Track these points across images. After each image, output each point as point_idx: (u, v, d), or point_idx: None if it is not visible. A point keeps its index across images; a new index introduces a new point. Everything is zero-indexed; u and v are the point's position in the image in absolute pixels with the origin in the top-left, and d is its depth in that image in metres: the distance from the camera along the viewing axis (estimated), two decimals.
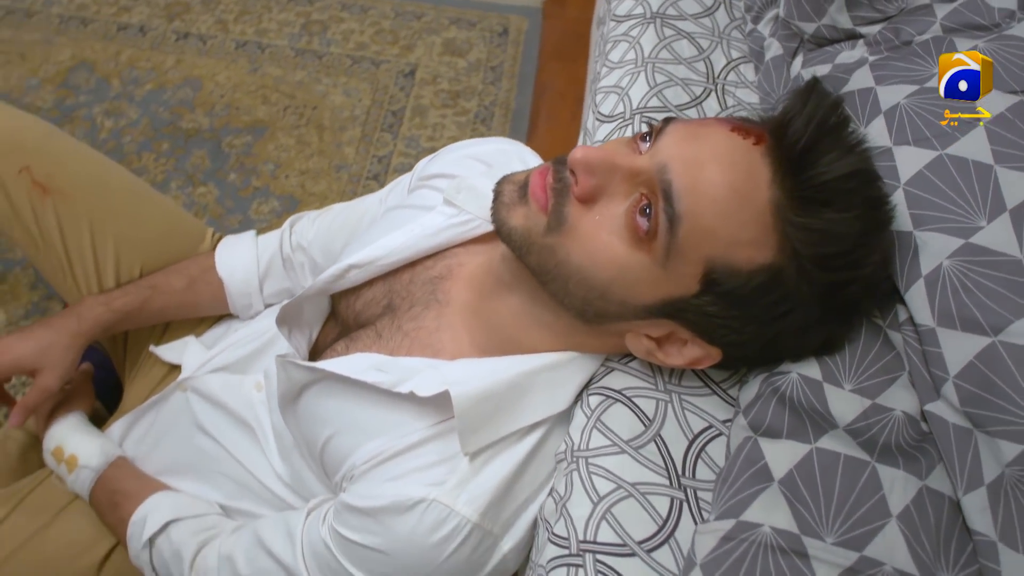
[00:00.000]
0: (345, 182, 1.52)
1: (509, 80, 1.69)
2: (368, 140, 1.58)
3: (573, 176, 0.65)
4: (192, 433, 0.96)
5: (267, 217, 1.47)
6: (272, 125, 1.59)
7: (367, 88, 1.65)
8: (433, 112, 1.63)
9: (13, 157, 1.01)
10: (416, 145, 1.58)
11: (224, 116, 1.59)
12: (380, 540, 0.69)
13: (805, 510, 0.59)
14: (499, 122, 1.62)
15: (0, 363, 0.96)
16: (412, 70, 1.69)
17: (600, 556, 0.63)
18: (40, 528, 0.97)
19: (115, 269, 1.05)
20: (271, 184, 1.51)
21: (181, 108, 1.60)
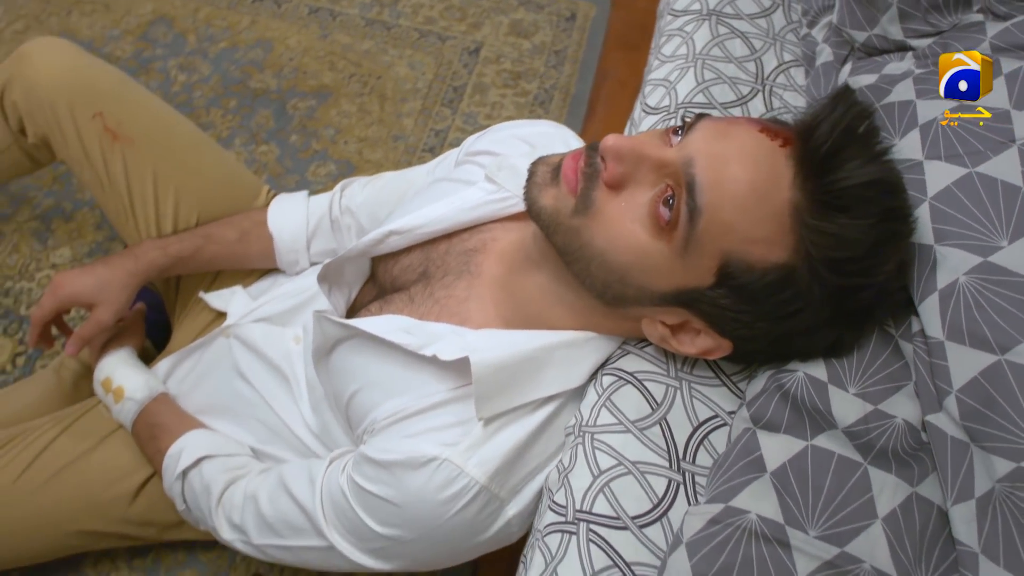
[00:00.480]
0: (401, 152, 1.56)
1: (571, 65, 1.71)
2: (427, 113, 1.62)
3: (603, 162, 0.68)
4: (231, 377, 1.02)
5: (323, 180, 1.52)
6: (336, 91, 1.63)
7: (431, 62, 1.69)
8: (493, 91, 1.66)
9: (89, 101, 1.07)
10: (474, 122, 1.61)
11: (291, 79, 1.65)
12: (392, 492, 0.73)
13: (792, 502, 0.62)
14: (557, 106, 1.64)
15: (61, 295, 1.03)
16: (477, 48, 1.72)
17: (593, 526, 0.66)
18: (85, 452, 1.03)
19: (173, 216, 1.11)
20: (330, 148, 1.56)
21: (251, 68, 1.66)
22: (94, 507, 1.03)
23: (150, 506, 1.04)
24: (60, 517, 1.03)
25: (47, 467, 1.02)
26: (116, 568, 1.15)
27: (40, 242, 1.42)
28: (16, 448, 1.03)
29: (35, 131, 1.11)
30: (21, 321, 1.34)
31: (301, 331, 0.99)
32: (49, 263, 1.40)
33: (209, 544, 1.15)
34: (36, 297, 1.36)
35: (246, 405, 1.00)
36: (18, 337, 1.33)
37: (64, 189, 1.48)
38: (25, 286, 1.38)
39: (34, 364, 1.31)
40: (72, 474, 1.02)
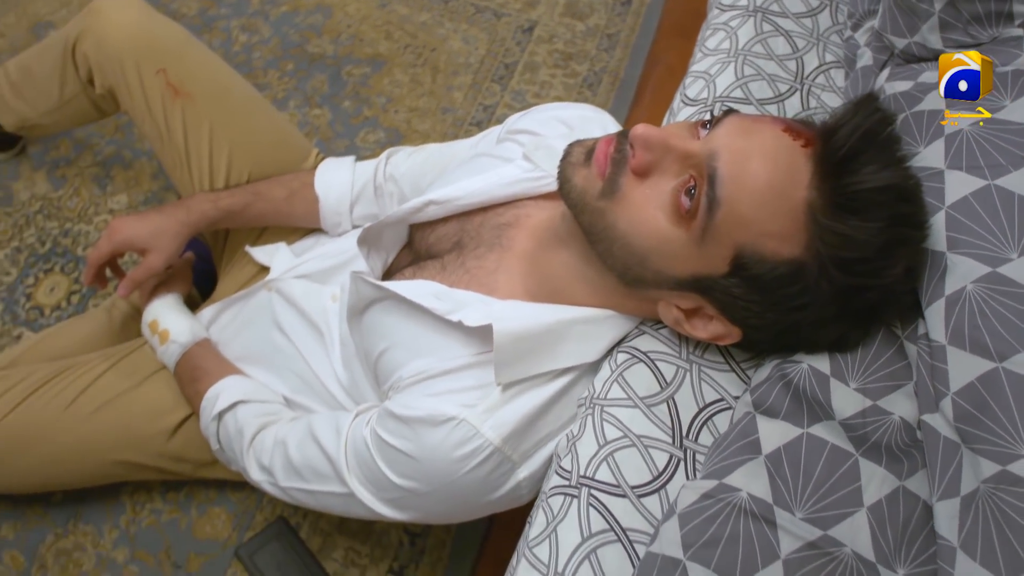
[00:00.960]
0: (449, 124, 1.60)
1: (623, 50, 1.73)
2: (477, 88, 1.66)
3: (632, 150, 0.71)
4: (269, 329, 1.07)
5: (371, 146, 1.57)
6: (391, 60, 1.68)
7: (485, 38, 1.72)
8: (544, 70, 1.69)
9: (154, 58, 1.13)
10: (522, 99, 1.65)
11: (348, 46, 1.69)
12: (411, 446, 0.78)
13: (783, 484, 0.65)
14: (605, 89, 1.67)
15: (117, 239, 1.09)
16: (531, 26, 1.75)
17: (594, 491, 0.70)
18: (130, 388, 1.10)
19: (226, 171, 1.17)
20: (380, 116, 1.60)
21: (310, 32, 1.71)
22: (135, 440, 1.10)
23: (186, 443, 1.10)
24: (103, 446, 1.09)
25: (94, 399, 1.09)
26: (151, 499, 1.22)
27: (100, 188, 1.49)
28: (67, 379, 1.10)
29: (102, 82, 1.17)
30: (77, 261, 1.42)
31: (339, 290, 1.03)
32: (107, 208, 1.47)
33: (239, 484, 1.21)
34: (93, 239, 1.43)
35: (282, 356, 1.05)
36: (74, 276, 1.41)
37: (125, 138, 1.55)
38: (83, 228, 1.45)
39: (87, 303, 1.38)
40: (117, 407, 1.09)
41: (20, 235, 1.44)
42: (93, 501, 1.21)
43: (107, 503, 1.22)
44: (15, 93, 1.33)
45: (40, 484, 1.16)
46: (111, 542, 1.19)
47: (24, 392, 1.09)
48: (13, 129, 1.39)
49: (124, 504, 1.22)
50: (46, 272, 1.41)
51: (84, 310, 1.37)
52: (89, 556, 1.18)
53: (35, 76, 1.28)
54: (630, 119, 1.65)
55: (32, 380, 1.10)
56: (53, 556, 1.18)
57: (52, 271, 1.41)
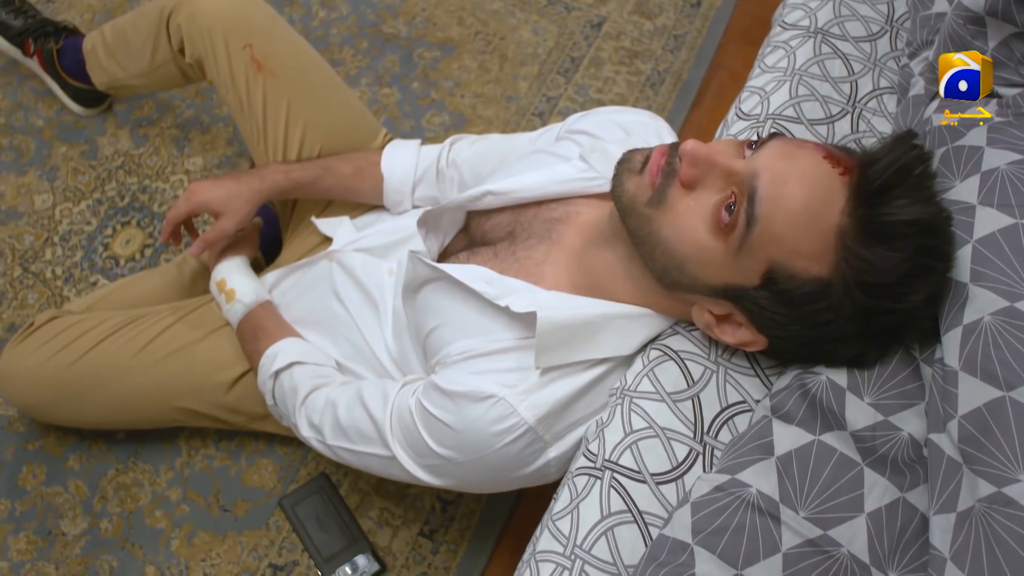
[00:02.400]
0: (512, 112, 1.66)
1: (688, 51, 1.76)
2: (543, 79, 1.71)
3: (681, 163, 0.77)
4: (328, 297, 1.14)
5: (436, 129, 1.63)
6: (461, 46, 1.74)
7: (554, 30, 1.77)
8: (608, 66, 1.73)
9: (242, 33, 1.21)
10: (585, 94, 1.69)
11: (421, 28, 1.75)
12: (452, 418, 0.84)
13: (790, 484, 0.70)
14: (667, 89, 1.70)
15: (195, 201, 1.17)
16: (600, 22, 1.79)
17: (617, 475, 0.76)
18: (195, 340, 1.18)
19: (299, 145, 1.24)
20: (447, 100, 1.66)
21: (386, 13, 1.77)
22: (196, 389, 1.18)
23: (242, 397, 1.18)
24: (167, 392, 1.18)
25: (162, 348, 1.17)
26: (205, 445, 1.31)
27: (178, 149, 1.58)
28: (138, 328, 1.18)
29: (192, 52, 1.25)
30: (153, 217, 1.51)
31: (395, 265, 1.10)
32: (183, 168, 1.56)
33: (287, 439, 1.30)
34: (169, 197, 1.52)
35: (337, 323, 1.12)
36: (149, 231, 1.50)
37: (204, 103, 1.64)
38: (160, 186, 1.54)
39: (159, 256, 1.47)
40: (181, 357, 1.17)
41: (102, 188, 1.54)
42: (152, 442, 1.31)
43: (165, 445, 1.31)
44: (109, 55, 1.42)
45: (106, 421, 1.25)
46: (166, 481, 1.28)
47: (99, 336, 1.18)
48: (104, 87, 1.48)
49: (180, 448, 1.31)
50: (123, 225, 1.50)
51: (156, 264, 1.46)
52: (146, 492, 1.28)
53: (129, 40, 1.37)
54: (688, 122, 1.69)
55: (107, 325, 1.19)
56: (113, 489, 1.28)
57: (129, 224, 1.50)
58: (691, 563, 0.68)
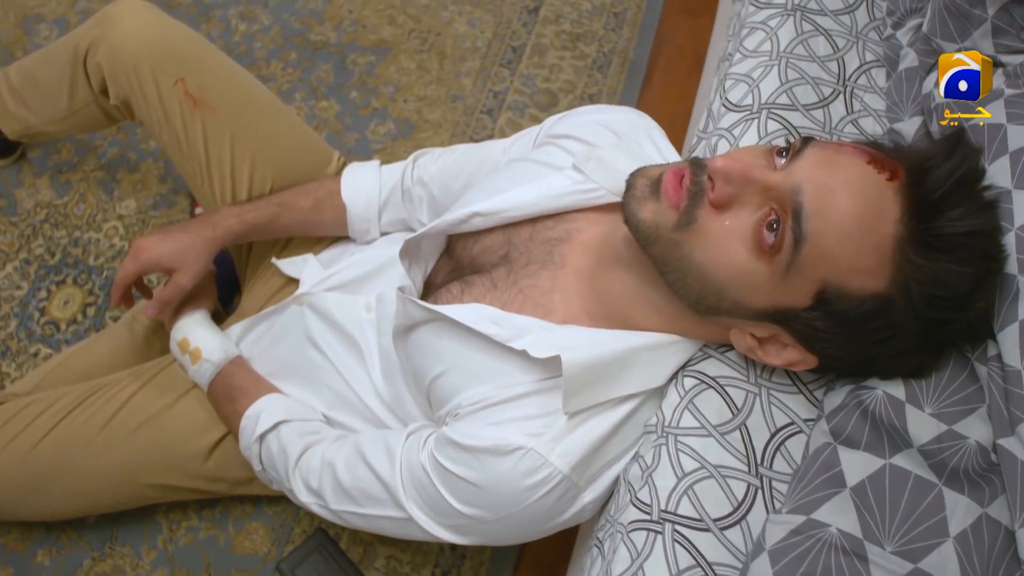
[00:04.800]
0: (460, 113, 1.57)
1: (630, 29, 1.70)
2: (486, 74, 1.62)
3: (710, 182, 0.70)
4: (303, 344, 1.05)
5: (383, 139, 1.53)
6: (396, 47, 1.64)
7: (490, 20, 1.69)
8: (552, 53, 1.66)
9: (172, 67, 1.09)
10: (532, 84, 1.62)
11: (351, 32, 1.65)
12: (476, 475, 0.77)
13: (871, 518, 0.66)
14: (615, 71, 1.64)
15: (144, 259, 1.07)
16: (537, 7, 1.71)
17: (678, 527, 0.70)
18: (163, 408, 1.08)
19: (249, 181, 1.14)
20: (389, 106, 1.57)
21: (311, 19, 1.66)
22: (170, 462, 1.08)
23: (223, 463, 1.09)
24: (138, 470, 1.08)
25: (127, 422, 1.07)
26: (186, 517, 1.21)
27: (106, 193, 1.45)
28: (98, 402, 1.08)
29: (117, 92, 1.13)
30: (90, 272, 1.38)
31: (373, 300, 1.02)
32: (115, 214, 1.43)
33: (275, 498, 1.21)
34: (105, 247, 1.40)
35: (317, 372, 1.04)
36: (88, 288, 1.37)
37: (129, 139, 1.51)
38: (93, 236, 1.41)
39: (104, 315, 1.35)
40: (150, 429, 1.07)
41: (28, 246, 1.40)
42: (128, 522, 1.21)
43: (143, 523, 1.21)
44: (17, 100, 1.28)
45: (74, 511, 1.15)
46: (150, 563, 1.18)
47: (55, 418, 1.07)
48: (15, 136, 1.34)
49: (159, 523, 1.21)
50: (58, 284, 1.37)
51: (101, 323, 1.34)
52: None
53: (40, 83, 1.23)
54: (641, 101, 1.63)
55: (62, 404, 1.08)
56: None
57: (64, 283, 1.37)
58: None
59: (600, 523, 0.83)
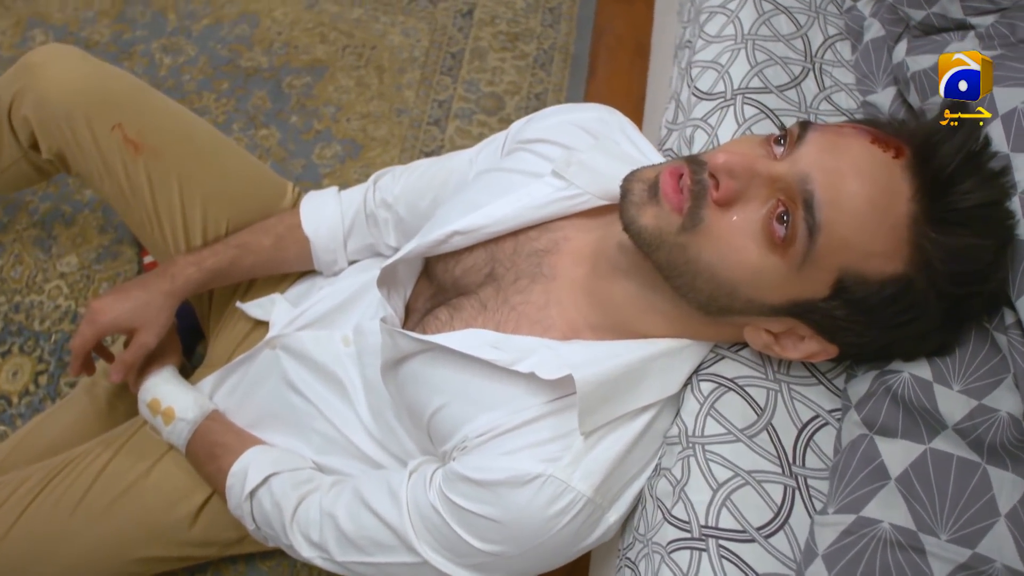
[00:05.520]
0: (406, 127, 1.52)
1: (568, 23, 1.67)
2: (428, 83, 1.57)
3: (712, 179, 0.67)
4: (281, 389, 1.00)
5: (330, 162, 1.47)
6: (332, 65, 1.58)
7: (425, 28, 1.64)
8: (492, 55, 1.62)
9: (107, 112, 1.02)
10: (476, 89, 1.57)
11: (283, 55, 1.58)
12: (494, 510, 0.73)
13: (921, 508, 0.63)
14: (558, 67, 1.61)
15: (102, 323, 1.00)
16: (470, 10, 1.67)
17: (722, 541, 0.67)
18: (140, 476, 1.02)
19: (202, 224, 1.08)
20: (333, 127, 1.51)
21: (239, 45, 1.59)
22: (155, 533, 1.02)
23: (211, 526, 1.03)
24: (121, 546, 1.01)
25: (103, 495, 1.00)
26: None
27: (44, 251, 1.36)
28: (68, 478, 1.01)
29: (49, 146, 1.06)
30: (37, 337, 1.30)
31: (350, 332, 0.97)
32: (57, 272, 1.35)
33: (268, 553, 1.15)
34: (50, 310, 1.31)
35: (300, 416, 0.99)
36: (37, 355, 1.29)
37: (61, 191, 1.42)
38: (35, 299, 1.32)
39: (58, 382, 1.27)
40: (129, 500, 1.01)
41: None
42: None
43: None
44: None
45: None
46: None
47: (23, 501, 0.99)
48: None
49: None
50: (3, 355, 1.28)
51: (56, 391, 1.26)
52: None
53: None
54: (588, 95, 1.60)
55: (29, 485, 1.00)
56: None
57: (10, 353, 1.28)
58: None
59: (627, 541, 0.79)
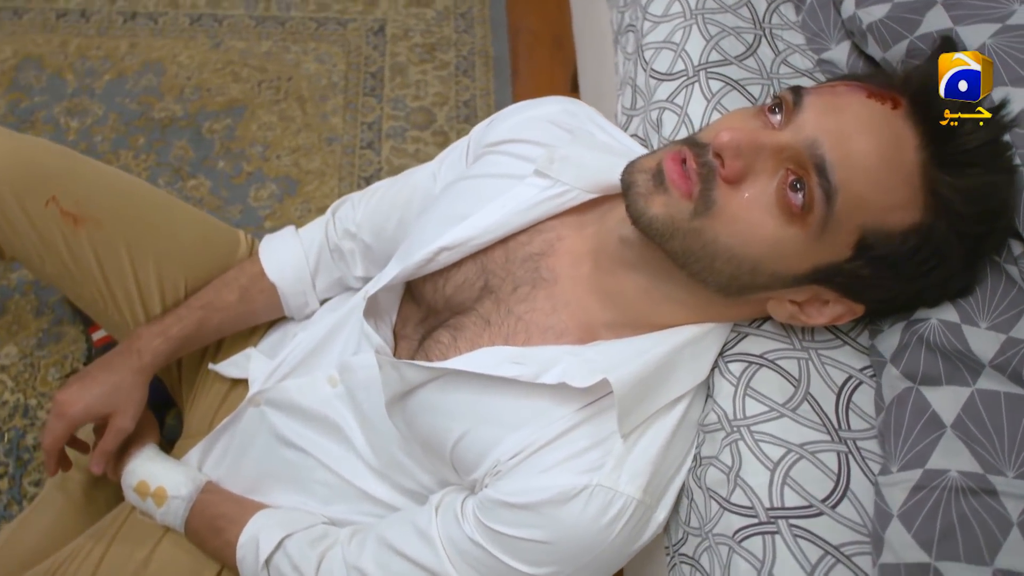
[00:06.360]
0: (340, 155, 1.47)
1: (482, 26, 1.65)
2: (353, 107, 1.53)
3: (718, 159, 0.66)
4: (274, 446, 0.95)
5: (268, 203, 1.41)
6: (250, 103, 1.51)
7: (339, 51, 1.59)
8: (413, 69, 1.58)
9: (38, 189, 0.95)
10: (403, 106, 1.54)
11: (197, 100, 1.51)
12: (543, 532, 0.71)
13: (983, 450, 0.63)
14: (481, 72, 1.58)
15: (72, 415, 0.93)
16: (381, 27, 1.63)
17: (792, 520, 0.66)
18: (139, 566, 0.95)
19: (159, 290, 1.02)
20: (263, 167, 1.45)
21: (148, 97, 1.51)
22: None
23: None
24: None
25: None
26: None
27: None
28: None
29: None
30: None
31: (334, 371, 0.92)
32: None
33: None
34: None
35: (298, 470, 0.94)
36: None
37: None
38: None
39: (21, 483, 1.18)
40: None
41: None
42: None
43: None
44: None
45: None
46: None
47: None
48: None
49: None
50: None
51: (21, 492, 1.17)
52: None
53: None
54: (515, 97, 1.58)
55: None
56: None
57: None
58: None
59: (676, 537, 0.78)
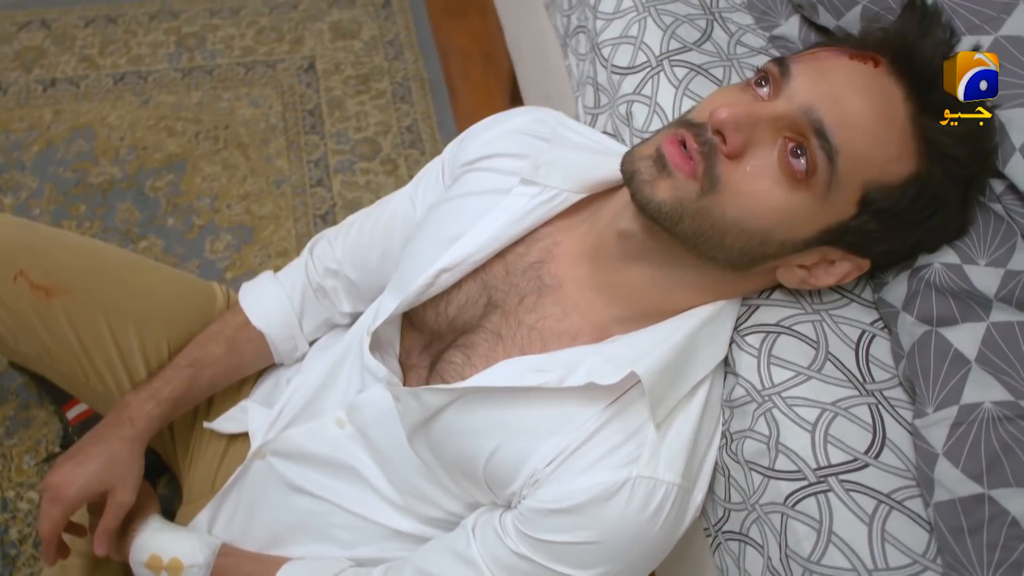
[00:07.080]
0: (291, 196, 1.45)
1: (411, 51, 1.65)
2: (296, 147, 1.51)
3: (718, 136, 0.67)
4: (287, 497, 0.92)
5: (225, 254, 1.38)
6: (190, 156, 1.48)
7: (273, 93, 1.57)
8: (350, 102, 1.57)
9: (4, 265, 0.91)
10: (346, 139, 1.52)
11: (134, 160, 1.46)
12: (590, 532, 0.71)
13: (1009, 378, 0.66)
14: (419, 96, 1.58)
15: (68, 498, 0.88)
16: (311, 63, 1.61)
17: (842, 476, 0.67)
18: None
19: (142, 352, 0.98)
20: (215, 218, 1.41)
21: (83, 163, 1.45)
22: None
23: None
24: None
25: None
26: None
27: None
28: None
29: None
30: None
31: (341, 413, 0.90)
32: None
33: None
34: None
35: (316, 518, 0.91)
36: None
37: None
38: None
39: None
40: None
41: None
42: None
43: None
44: None
45: None
46: None
47: None
48: None
49: None
50: None
51: None
52: None
53: None
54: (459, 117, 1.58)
55: None
56: None
57: None
58: (999, 509, 0.62)
59: (716, 516, 0.78)
